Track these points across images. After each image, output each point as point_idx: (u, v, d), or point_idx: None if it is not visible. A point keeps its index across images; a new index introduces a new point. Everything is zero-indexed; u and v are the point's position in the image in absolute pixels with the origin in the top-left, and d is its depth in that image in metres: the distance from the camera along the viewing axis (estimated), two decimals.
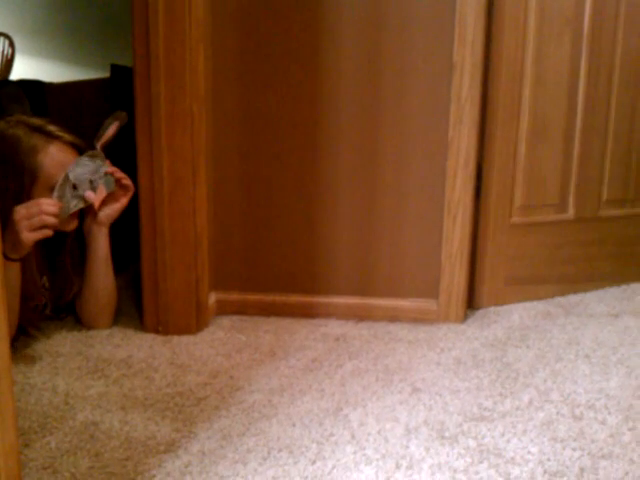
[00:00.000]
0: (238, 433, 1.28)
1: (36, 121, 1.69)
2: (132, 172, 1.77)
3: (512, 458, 1.21)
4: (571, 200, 2.13)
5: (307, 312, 1.93)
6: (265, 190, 1.91)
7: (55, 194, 1.64)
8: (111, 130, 1.73)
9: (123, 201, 1.75)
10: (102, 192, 1.72)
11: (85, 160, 1.68)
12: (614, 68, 2.12)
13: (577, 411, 1.40)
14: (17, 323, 1.61)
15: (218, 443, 1.24)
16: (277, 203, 1.91)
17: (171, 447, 1.23)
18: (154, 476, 1.14)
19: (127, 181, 1.74)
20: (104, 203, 1.74)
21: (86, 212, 1.74)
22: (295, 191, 1.91)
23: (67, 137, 1.69)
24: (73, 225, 1.73)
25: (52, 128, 1.68)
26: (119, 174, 1.73)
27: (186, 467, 1.16)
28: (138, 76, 1.73)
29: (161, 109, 1.71)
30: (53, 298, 1.81)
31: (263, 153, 1.89)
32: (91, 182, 1.69)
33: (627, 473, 1.18)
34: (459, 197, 1.87)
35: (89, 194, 1.68)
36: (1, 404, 0.89)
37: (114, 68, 2.86)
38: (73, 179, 1.66)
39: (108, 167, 1.71)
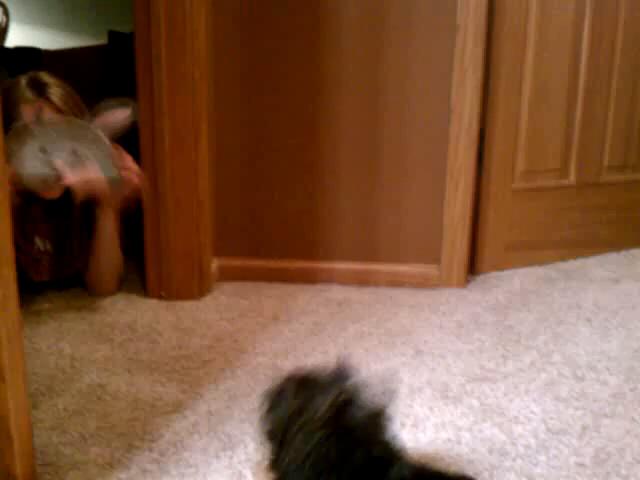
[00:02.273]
0: (244, 394, 1.29)
1: (48, 79, 1.66)
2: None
3: (515, 417, 1.23)
4: (573, 165, 2.12)
5: (309, 278, 1.94)
6: (267, 156, 1.90)
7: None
8: (119, 115, 1.62)
9: (126, 199, 1.68)
10: (92, 172, 1.57)
11: (64, 126, 1.54)
12: (617, 30, 2.09)
13: (579, 372, 1.41)
14: None
15: (225, 404, 1.26)
16: (279, 169, 1.91)
17: (178, 408, 1.24)
18: (162, 435, 1.15)
19: (130, 175, 1.64)
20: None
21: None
22: (297, 158, 1.90)
23: (57, 103, 1.64)
24: (51, 193, 1.63)
25: (52, 90, 1.64)
26: (130, 176, 1.63)
27: (194, 427, 1.18)
28: (138, 41, 1.71)
29: (162, 73, 1.69)
30: (55, 268, 1.80)
31: (265, 118, 1.88)
32: (75, 153, 1.55)
33: (628, 431, 1.20)
34: (461, 162, 1.86)
35: (59, 163, 1.53)
36: (12, 365, 0.90)
37: (111, 34, 2.83)
38: (31, 133, 1.49)
39: (110, 150, 1.60)
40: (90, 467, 1.06)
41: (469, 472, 1.06)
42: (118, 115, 1.66)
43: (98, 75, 2.79)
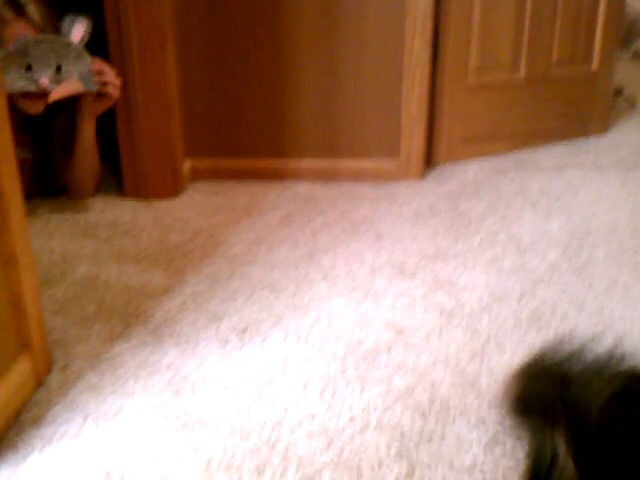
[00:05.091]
0: (224, 277, 1.44)
1: None
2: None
3: (463, 287, 1.41)
4: (523, 61, 2.24)
5: (277, 175, 2.06)
6: (231, 59, 1.98)
7: None
8: (79, 28, 1.63)
9: (106, 103, 1.73)
10: (74, 86, 1.63)
11: (48, 44, 1.59)
12: None
13: (521, 249, 1.59)
14: None
15: (208, 286, 1.41)
16: (243, 71, 1.99)
17: (166, 291, 1.39)
18: (155, 314, 1.30)
19: (109, 89, 1.68)
20: (87, 97, 1.69)
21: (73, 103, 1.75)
22: (260, 58, 1.98)
23: (37, 20, 1.68)
24: (34, 108, 1.69)
25: (30, 8, 1.67)
26: (103, 77, 1.66)
27: (182, 305, 1.33)
28: None
29: None
30: (37, 177, 1.88)
31: (228, 21, 1.94)
32: (59, 69, 1.61)
33: (561, 295, 1.39)
34: (417, 60, 1.97)
35: (43, 80, 1.60)
36: (23, 251, 1.02)
37: None
38: (18, 52, 1.55)
39: (92, 64, 1.64)
40: (94, 341, 1.21)
41: (422, 330, 1.24)
42: (79, 29, 1.69)
43: None
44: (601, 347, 0.84)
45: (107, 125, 1.90)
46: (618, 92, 2.86)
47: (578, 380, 0.81)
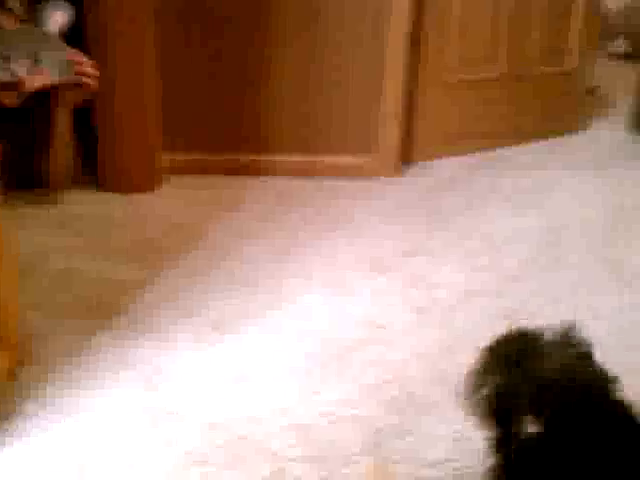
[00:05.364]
0: (201, 272, 1.45)
1: None
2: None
3: (438, 283, 1.43)
4: (502, 58, 2.25)
5: (256, 170, 2.06)
6: (211, 55, 1.97)
7: None
8: (59, 19, 1.64)
9: (83, 94, 1.71)
10: (51, 77, 1.62)
11: (25, 34, 1.60)
12: None
13: (496, 245, 1.61)
14: None
15: (184, 280, 1.41)
16: (223, 67, 1.98)
17: (142, 285, 1.39)
18: (131, 307, 1.30)
19: (87, 79, 1.67)
20: (63, 87, 1.68)
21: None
22: (240, 54, 1.97)
23: (18, 11, 1.66)
24: (10, 100, 1.66)
25: (12, 3, 1.65)
26: (80, 68, 1.66)
27: (158, 299, 1.33)
28: None
29: None
30: (11, 169, 1.86)
31: (208, 18, 1.93)
32: (37, 60, 1.60)
33: (535, 290, 1.41)
34: (395, 59, 1.97)
35: (20, 70, 1.58)
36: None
37: None
38: None
39: (69, 55, 1.63)
40: (68, 335, 1.21)
41: (397, 326, 1.25)
42: (58, 19, 1.68)
43: None
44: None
45: (85, 117, 1.89)
46: (591, 91, 2.89)
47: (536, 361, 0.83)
